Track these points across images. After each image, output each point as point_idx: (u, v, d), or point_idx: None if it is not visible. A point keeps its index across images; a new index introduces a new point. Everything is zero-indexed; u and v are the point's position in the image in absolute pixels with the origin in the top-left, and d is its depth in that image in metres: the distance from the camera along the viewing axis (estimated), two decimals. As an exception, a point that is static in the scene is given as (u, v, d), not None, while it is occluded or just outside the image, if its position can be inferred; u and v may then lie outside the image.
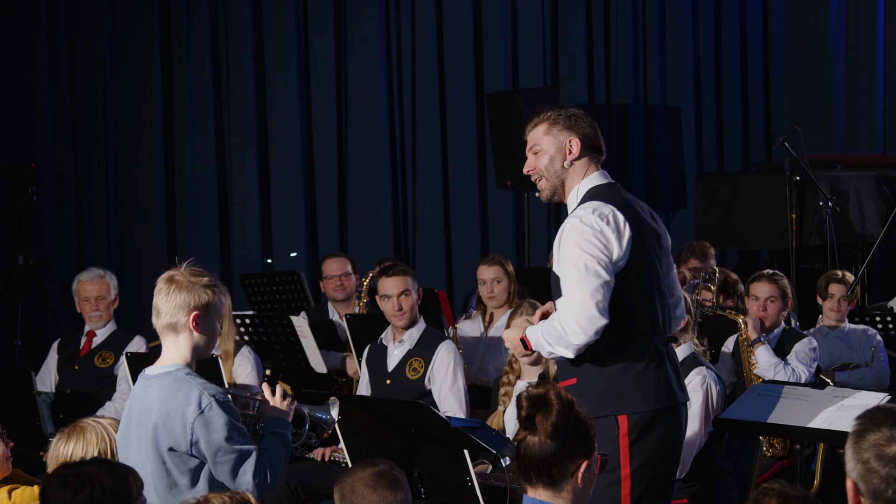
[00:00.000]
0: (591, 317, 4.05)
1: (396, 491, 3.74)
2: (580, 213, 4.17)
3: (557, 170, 4.29)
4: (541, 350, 4.19)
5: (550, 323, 4.14)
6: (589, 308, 4.05)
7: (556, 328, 4.10)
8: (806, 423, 4.60)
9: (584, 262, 4.08)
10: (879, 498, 2.57)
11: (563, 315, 4.10)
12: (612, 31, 11.00)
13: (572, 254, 4.11)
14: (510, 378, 5.80)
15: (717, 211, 9.96)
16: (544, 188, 4.35)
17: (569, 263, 4.11)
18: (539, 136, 4.32)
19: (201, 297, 3.92)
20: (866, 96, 11.47)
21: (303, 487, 5.93)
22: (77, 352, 7.04)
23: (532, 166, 4.35)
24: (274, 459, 3.92)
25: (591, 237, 4.09)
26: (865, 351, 6.99)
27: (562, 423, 3.22)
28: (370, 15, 10.19)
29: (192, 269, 3.95)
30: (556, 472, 3.23)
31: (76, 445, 4.00)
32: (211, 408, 3.80)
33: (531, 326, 4.23)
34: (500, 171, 9.94)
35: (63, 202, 9.28)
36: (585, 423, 3.28)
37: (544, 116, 4.32)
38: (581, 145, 4.27)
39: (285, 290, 8.16)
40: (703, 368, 5.22)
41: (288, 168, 10.00)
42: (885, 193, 9.73)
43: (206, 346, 3.97)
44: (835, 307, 7.09)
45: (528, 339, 4.21)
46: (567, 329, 4.07)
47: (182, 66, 9.64)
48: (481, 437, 4.74)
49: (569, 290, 4.10)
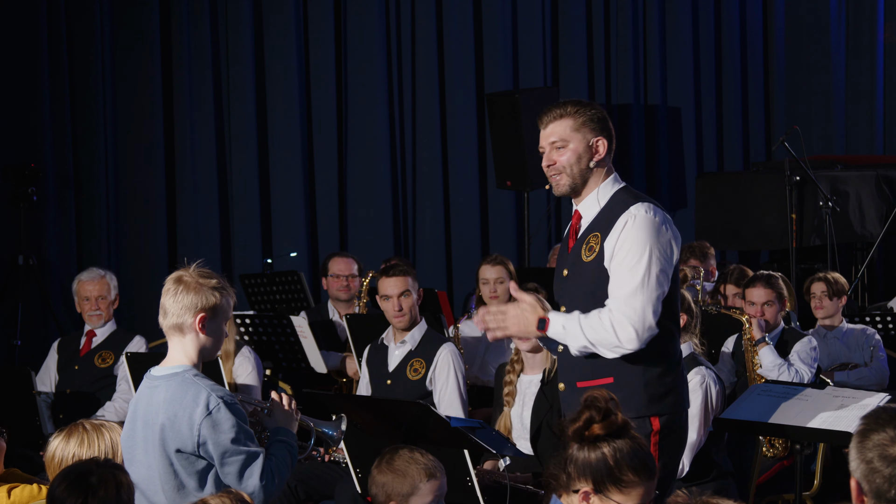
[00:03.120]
0: (650, 327, 4.00)
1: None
2: (646, 213, 4.08)
3: (583, 169, 4.19)
4: (571, 341, 4.06)
5: (597, 320, 4.01)
6: (649, 318, 3.99)
7: (606, 328, 4.00)
8: (806, 423, 4.60)
9: (654, 271, 4.02)
10: (883, 497, 2.58)
11: (619, 318, 4.00)
12: (612, 31, 11.00)
13: (641, 255, 4.03)
14: (512, 378, 5.79)
15: (717, 211, 9.96)
16: (563, 184, 4.21)
17: (636, 263, 4.03)
18: (566, 130, 4.19)
19: (209, 299, 3.91)
20: (866, 96, 11.47)
21: (303, 487, 5.93)
22: (77, 352, 7.04)
23: (554, 160, 4.21)
24: (281, 465, 3.92)
25: (665, 245, 4.06)
26: (864, 351, 6.99)
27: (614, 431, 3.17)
28: (370, 15, 10.19)
29: (200, 271, 3.94)
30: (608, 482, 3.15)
31: (79, 447, 3.99)
32: (219, 409, 3.80)
33: (558, 313, 4.10)
34: (500, 171, 9.93)
35: (63, 202, 9.28)
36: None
37: (570, 110, 4.19)
38: (607, 147, 4.20)
39: (285, 290, 8.16)
40: (702, 368, 5.23)
41: (288, 168, 10.00)
42: (885, 193, 9.73)
43: (212, 347, 3.97)
44: (818, 304, 7.12)
45: (551, 323, 4.08)
46: (622, 334, 3.99)
47: (182, 66, 9.64)
48: (481, 437, 4.74)
49: (629, 294, 4.01)
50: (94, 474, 3.37)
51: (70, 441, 3.99)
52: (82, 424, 4.04)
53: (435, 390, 6.07)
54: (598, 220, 4.17)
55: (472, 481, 4.91)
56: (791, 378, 6.14)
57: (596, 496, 3.12)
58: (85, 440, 3.99)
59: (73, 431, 4.01)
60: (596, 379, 4.11)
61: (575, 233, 4.24)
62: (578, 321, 4.03)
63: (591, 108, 4.21)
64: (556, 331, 4.07)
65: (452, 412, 5.94)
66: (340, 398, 5.81)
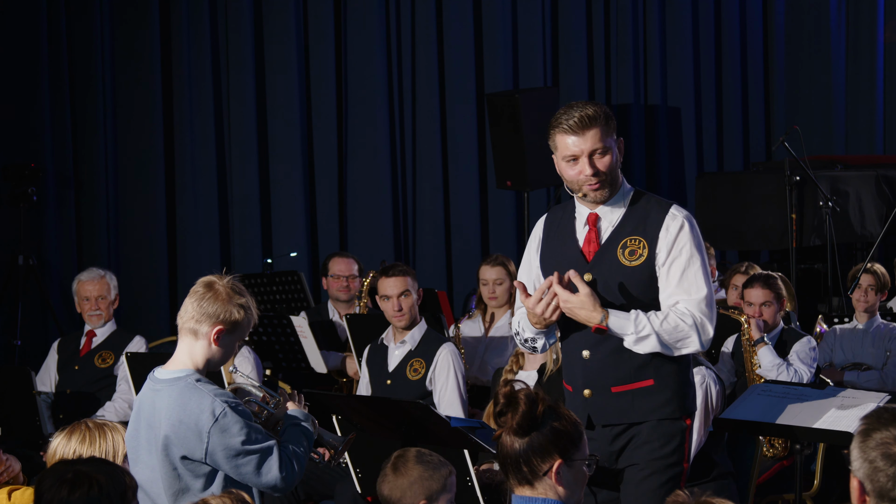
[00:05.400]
0: (713, 318, 4.12)
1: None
2: (690, 218, 4.21)
3: (616, 173, 4.15)
4: (638, 339, 4.02)
5: (677, 320, 4.03)
6: (714, 319, 4.11)
7: (687, 328, 4.05)
8: (806, 423, 4.60)
9: (707, 273, 4.15)
10: (885, 497, 2.58)
11: (702, 320, 4.07)
12: (612, 31, 11.01)
13: (701, 259, 4.14)
14: (514, 369, 5.81)
15: (717, 211, 9.96)
16: (607, 191, 4.13)
17: (699, 267, 4.11)
18: (605, 138, 4.07)
19: (232, 315, 3.89)
20: (866, 96, 11.47)
21: (303, 487, 5.93)
22: (77, 352, 7.04)
23: (599, 168, 4.07)
24: (298, 450, 3.91)
25: (704, 249, 4.18)
26: (888, 345, 7.00)
27: (526, 421, 3.23)
28: (370, 15, 10.19)
29: (234, 284, 3.93)
30: (526, 470, 3.25)
31: (81, 446, 3.98)
32: (225, 414, 3.79)
33: (630, 313, 4.04)
34: (500, 171, 9.93)
35: (63, 202, 9.28)
36: (561, 422, 3.27)
37: (598, 113, 4.08)
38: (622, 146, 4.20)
39: (285, 290, 8.16)
40: (702, 368, 5.23)
41: (288, 168, 10.00)
42: (885, 193, 9.73)
43: (219, 360, 3.95)
44: (861, 297, 7.15)
45: (611, 314, 4.01)
46: (704, 336, 4.07)
47: (182, 67, 9.64)
48: (481, 437, 4.75)
49: (706, 298, 4.09)
50: (82, 471, 3.34)
51: (72, 440, 3.98)
52: (85, 423, 4.02)
53: (435, 390, 6.08)
54: (628, 222, 4.14)
55: (472, 481, 4.92)
56: (790, 378, 6.14)
57: (564, 464, 3.25)
58: (87, 439, 3.97)
59: (74, 430, 4.00)
60: (636, 383, 4.11)
61: (597, 233, 4.17)
62: (649, 318, 4.03)
63: (605, 108, 4.15)
64: (619, 322, 4.03)
65: (452, 412, 5.94)
66: (340, 398, 5.81)
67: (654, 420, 4.09)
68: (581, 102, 4.16)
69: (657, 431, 4.09)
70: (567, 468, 3.26)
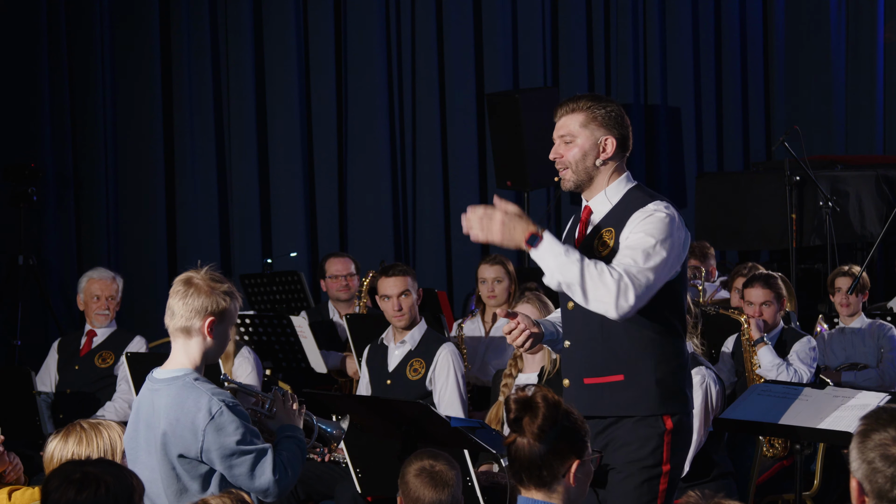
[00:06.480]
0: (640, 307, 3.89)
1: (438, 489, 4.05)
2: (665, 210, 4.02)
3: (588, 166, 4.11)
4: (559, 273, 3.86)
5: (604, 274, 3.85)
6: (645, 299, 3.89)
7: (608, 286, 3.84)
8: (806, 423, 4.60)
9: (669, 259, 3.94)
10: (884, 497, 2.58)
11: (627, 284, 3.85)
12: (612, 31, 11.01)
13: (657, 240, 3.94)
14: (513, 371, 5.81)
15: (717, 211, 9.96)
16: (568, 179, 4.13)
17: (653, 245, 3.92)
18: (574, 126, 4.10)
19: (219, 304, 3.89)
20: (866, 96, 11.48)
21: (303, 487, 5.93)
22: (77, 352, 7.05)
23: (560, 154, 4.12)
24: (292, 458, 3.91)
25: (679, 241, 3.99)
26: (880, 343, 7.00)
27: (548, 425, 3.22)
28: (370, 15, 10.19)
29: (212, 274, 3.92)
30: (546, 474, 3.23)
31: (77, 447, 3.98)
32: (221, 413, 3.79)
33: (554, 238, 3.93)
34: (500, 171, 9.93)
35: (63, 202, 9.28)
36: (575, 422, 3.28)
37: (583, 105, 4.10)
38: (616, 146, 4.12)
39: (285, 290, 8.16)
40: (702, 368, 5.23)
41: (288, 168, 10.00)
42: (885, 193, 9.73)
43: (216, 351, 3.95)
44: (843, 301, 7.13)
45: (545, 241, 3.88)
46: (622, 301, 3.84)
47: (182, 67, 9.64)
48: (481, 437, 4.74)
49: (643, 269, 3.89)
50: (89, 472, 3.34)
51: (68, 441, 3.98)
52: (80, 424, 4.02)
53: (435, 390, 6.08)
54: (610, 217, 4.10)
55: (472, 481, 4.91)
56: (790, 378, 6.14)
57: (579, 463, 3.26)
58: (83, 439, 3.97)
59: (70, 431, 4.00)
60: (606, 376, 4.06)
61: (584, 225, 4.17)
62: (580, 261, 3.86)
63: (606, 104, 4.13)
64: (548, 252, 3.89)
65: (452, 412, 5.94)
66: (340, 398, 5.81)
67: (630, 421, 4.05)
68: (592, 94, 4.22)
69: (634, 433, 4.04)
70: (580, 468, 3.26)
